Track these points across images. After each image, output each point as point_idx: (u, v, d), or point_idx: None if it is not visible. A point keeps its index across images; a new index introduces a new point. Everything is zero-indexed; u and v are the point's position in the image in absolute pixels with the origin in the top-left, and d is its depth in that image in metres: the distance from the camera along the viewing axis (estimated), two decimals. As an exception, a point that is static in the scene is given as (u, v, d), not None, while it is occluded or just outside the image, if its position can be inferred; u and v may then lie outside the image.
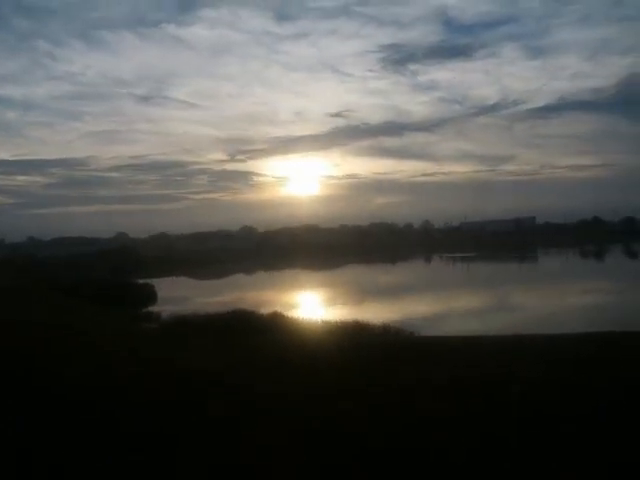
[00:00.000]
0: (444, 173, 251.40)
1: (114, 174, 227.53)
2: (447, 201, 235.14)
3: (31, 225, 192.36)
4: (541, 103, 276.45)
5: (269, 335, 18.36)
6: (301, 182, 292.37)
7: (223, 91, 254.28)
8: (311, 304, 38.40)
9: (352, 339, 16.97)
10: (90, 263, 76.52)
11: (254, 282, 65.10)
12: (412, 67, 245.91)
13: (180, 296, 44.42)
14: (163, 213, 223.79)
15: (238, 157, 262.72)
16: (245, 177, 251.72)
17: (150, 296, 41.32)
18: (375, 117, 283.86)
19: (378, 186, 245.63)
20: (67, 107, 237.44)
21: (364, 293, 43.39)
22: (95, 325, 22.08)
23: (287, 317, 23.87)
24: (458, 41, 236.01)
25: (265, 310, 25.55)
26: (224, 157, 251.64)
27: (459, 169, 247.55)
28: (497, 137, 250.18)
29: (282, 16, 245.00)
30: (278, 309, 25.80)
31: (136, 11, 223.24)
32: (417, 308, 32.60)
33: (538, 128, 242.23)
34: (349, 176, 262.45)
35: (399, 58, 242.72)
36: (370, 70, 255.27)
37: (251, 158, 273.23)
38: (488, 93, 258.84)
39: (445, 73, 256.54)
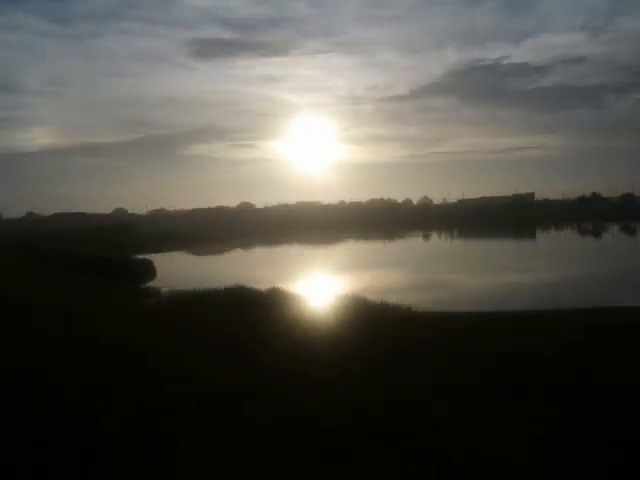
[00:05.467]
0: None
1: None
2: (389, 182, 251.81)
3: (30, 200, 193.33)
4: (402, 91, 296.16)
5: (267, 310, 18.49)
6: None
7: (75, 80, 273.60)
8: (309, 279, 38.56)
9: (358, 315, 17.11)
10: (88, 239, 76.53)
11: (253, 258, 65.27)
12: (241, 62, 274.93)
13: (179, 272, 44.59)
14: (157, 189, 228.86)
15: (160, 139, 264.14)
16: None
17: (149, 272, 41.45)
18: (254, 106, 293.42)
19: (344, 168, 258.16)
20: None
21: (361, 269, 43.58)
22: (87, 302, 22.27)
23: (285, 292, 23.97)
24: (257, 38, 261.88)
25: (264, 285, 25.65)
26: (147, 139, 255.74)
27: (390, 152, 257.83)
28: (387, 121, 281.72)
29: (58, 20, 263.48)
30: (276, 285, 25.89)
31: None
32: (414, 284, 32.79)
33: (428, 114, 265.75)
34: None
35: (212, 53, 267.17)
36: (193, 65, 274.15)
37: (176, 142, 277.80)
38: (341, 84, 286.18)
39: (274, 68, 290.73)
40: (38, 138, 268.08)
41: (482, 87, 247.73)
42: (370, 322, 14.39)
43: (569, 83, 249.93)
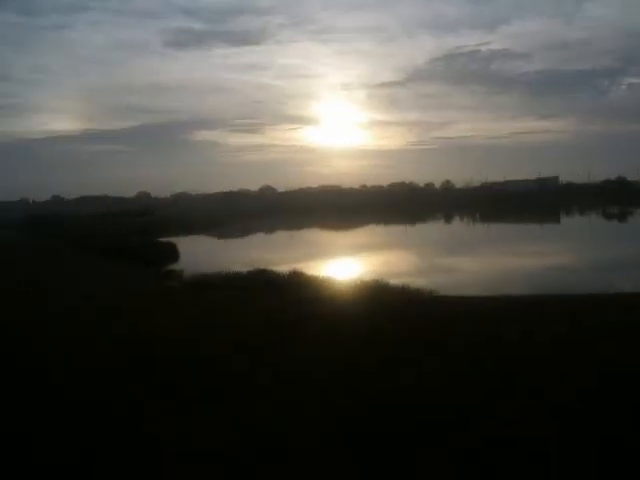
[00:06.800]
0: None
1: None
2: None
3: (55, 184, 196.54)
4: (390, 78, 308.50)
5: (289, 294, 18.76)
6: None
7: (58, 69, 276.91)
8: (331, 263, 38.75)
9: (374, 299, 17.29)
10: (113, 222, 77.64)
11: (274, 241, 65.66)
12: (217, 51, 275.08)
13: (202, 255, 45.11)
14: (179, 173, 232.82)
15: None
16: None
17: (172, 255, 41.98)
18: (246, 92, 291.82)
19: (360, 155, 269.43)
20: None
21: (382, 252, 43.64)
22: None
23: (306, 275, 24.18)
24: (227, 28, 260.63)
25: (285, 268, 25.90)
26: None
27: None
28: (383, 107, 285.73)
29: (25, 12, 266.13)
30: (297, 268, 26.11)
31: None
32: (435, 268, 32.74)
33: (421, 100, 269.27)
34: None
35: (185, 42, 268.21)
36: (172, 54, 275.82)
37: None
38: (325, 72, 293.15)
39: (252, 56, 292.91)
40: (40, 125, 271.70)
41: (468, 73, 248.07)
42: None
43: (556, 68, 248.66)
